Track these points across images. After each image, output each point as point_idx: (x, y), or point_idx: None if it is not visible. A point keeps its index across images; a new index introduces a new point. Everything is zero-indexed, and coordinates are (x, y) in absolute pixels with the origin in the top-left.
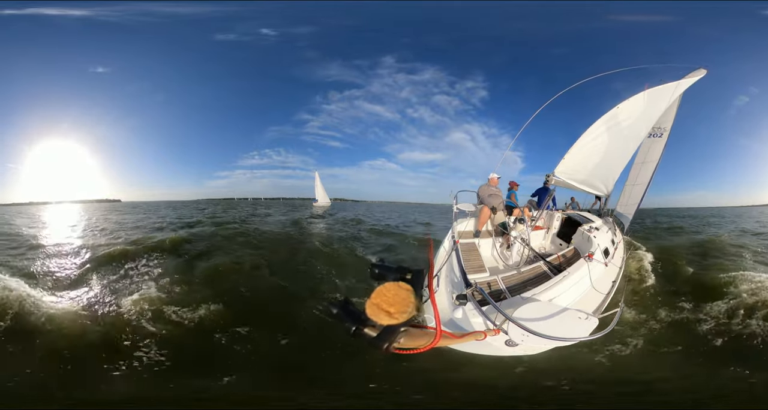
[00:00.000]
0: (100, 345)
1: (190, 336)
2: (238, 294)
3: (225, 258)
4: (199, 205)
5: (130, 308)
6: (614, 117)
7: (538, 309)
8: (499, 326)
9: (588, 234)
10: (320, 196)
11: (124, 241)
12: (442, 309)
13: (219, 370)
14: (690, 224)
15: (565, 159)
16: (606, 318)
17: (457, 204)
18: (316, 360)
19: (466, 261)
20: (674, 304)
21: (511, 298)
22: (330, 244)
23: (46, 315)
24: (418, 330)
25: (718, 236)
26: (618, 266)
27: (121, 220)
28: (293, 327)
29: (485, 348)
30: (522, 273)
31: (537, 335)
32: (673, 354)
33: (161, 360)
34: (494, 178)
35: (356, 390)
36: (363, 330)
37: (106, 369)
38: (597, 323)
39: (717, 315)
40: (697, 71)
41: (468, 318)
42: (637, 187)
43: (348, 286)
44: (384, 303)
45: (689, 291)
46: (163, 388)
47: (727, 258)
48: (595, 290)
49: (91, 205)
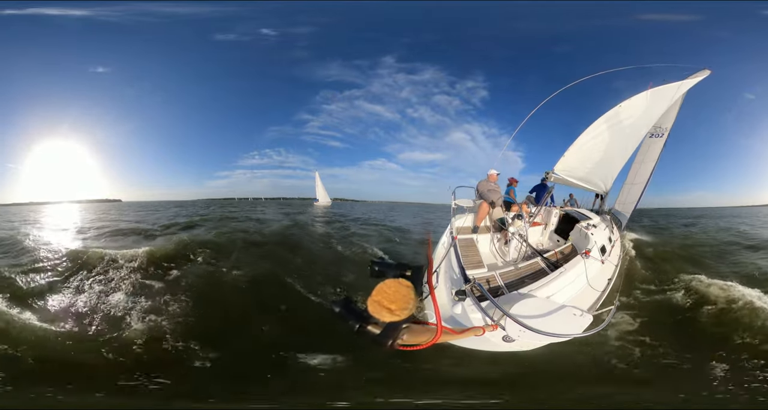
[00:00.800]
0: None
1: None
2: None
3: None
4: (197, 204)
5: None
6: (616, 115)
7: (534, 305)
8: (497, 322)
9: (585, 231)
10: (321, 196)
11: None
12: (441, 305)
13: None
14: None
15: (565, 156)
16: (601, 315)
17: (456, 199)
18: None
19: (464, 257)
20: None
21: (508, 294)
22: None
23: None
24: (420, 326)
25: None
26: (614, 264)
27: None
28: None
29: (483, 343)
30: (519, 269)
31: (533, 331)
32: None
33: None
34: (493, 174)
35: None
36: (366, 327)
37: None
38: (591, 320)
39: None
40: (701, 72)
41: (467, 313)
42: (635, 186)
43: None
44: (385, 300)
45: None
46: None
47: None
48: (591, 287)
49: (92, 204)
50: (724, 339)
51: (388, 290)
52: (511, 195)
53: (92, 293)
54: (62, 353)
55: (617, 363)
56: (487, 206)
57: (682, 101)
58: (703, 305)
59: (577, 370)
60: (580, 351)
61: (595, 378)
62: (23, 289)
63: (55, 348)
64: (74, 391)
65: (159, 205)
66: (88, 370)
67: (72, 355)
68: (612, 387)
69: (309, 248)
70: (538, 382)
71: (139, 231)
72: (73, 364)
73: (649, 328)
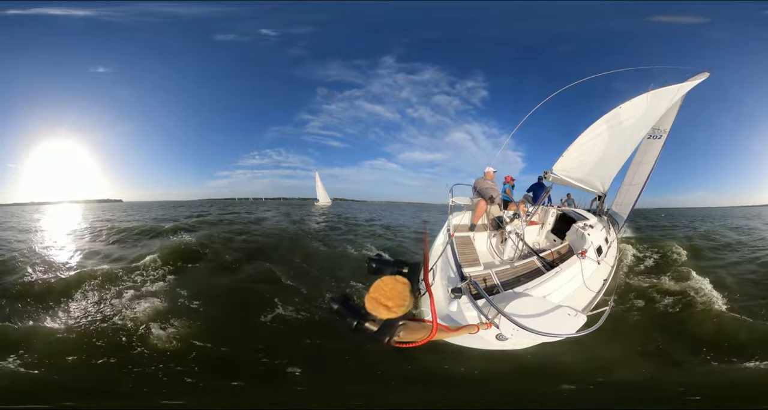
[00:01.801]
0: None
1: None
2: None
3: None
4: (199, 204)
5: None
6: (616, 116)
7: (529, 304)
8: (491, 320)
9: (582, 231)
10: (321, 196)
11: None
12: (437, 303)
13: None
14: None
15: (564, 156)
16: (594, 316)
17: (453, 197)
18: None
19: (461, 255)
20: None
21: (504, 292)
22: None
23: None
24: (416, 323)
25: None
26: (610, 265)
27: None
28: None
29: (476, 341)
30: (515, 268)
31: (527, 330)
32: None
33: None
34: (490, 172)
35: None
36: (364, 324)
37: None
38: (585, 320)
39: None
40: (701, 74)
41: (462, 311)
42: (633, 187)
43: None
44: (382, 297)
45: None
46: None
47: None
48: (586, 287)
49: (93, 205)
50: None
51: (385, 287)
52: (508, 193)
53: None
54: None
55: (611, 361)
56: (484, 204)
57: (681, 103)
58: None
59: (567, 369)
60: (572, 351)
61: (584, 376)
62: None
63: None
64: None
65: (160, 204)
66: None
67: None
68: (603, 385)
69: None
70: (529, 380)
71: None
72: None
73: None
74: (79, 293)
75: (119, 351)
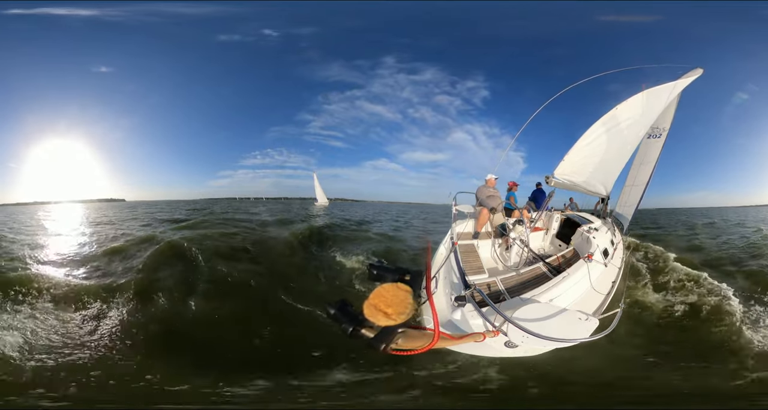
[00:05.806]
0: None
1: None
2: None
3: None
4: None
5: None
6: (613, 118)
7: (537, 310)
8: (498, 327)
9: (587, 235)
10: (319, 197)
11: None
12: (440, 311)
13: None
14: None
15: (565, 160)
16: (606, 319)
17: (456, 205)
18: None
19: (465, 263)
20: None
21: (510, 300)
22: None
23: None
24: (417, 331)
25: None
26: (617, 266)
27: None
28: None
29: (485, 349)
30: (521, 275)
31: (537, 336)
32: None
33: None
34: (492, 179)
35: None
36: (360, 330)
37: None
38: (597, 324)
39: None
40: (694, 71)
41: (467, 319)
42: (635, 187)
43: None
44: (382, 303)
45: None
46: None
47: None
48: (595, 291)
49: (96, 204)
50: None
51: (386, 294)
52: (512, 201)
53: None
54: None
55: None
56: (487, 212)
57: (679, 100)
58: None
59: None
60: (588, 355)
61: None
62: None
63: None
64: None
65: (164, 204)
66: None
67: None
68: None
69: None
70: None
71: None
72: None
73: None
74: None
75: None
